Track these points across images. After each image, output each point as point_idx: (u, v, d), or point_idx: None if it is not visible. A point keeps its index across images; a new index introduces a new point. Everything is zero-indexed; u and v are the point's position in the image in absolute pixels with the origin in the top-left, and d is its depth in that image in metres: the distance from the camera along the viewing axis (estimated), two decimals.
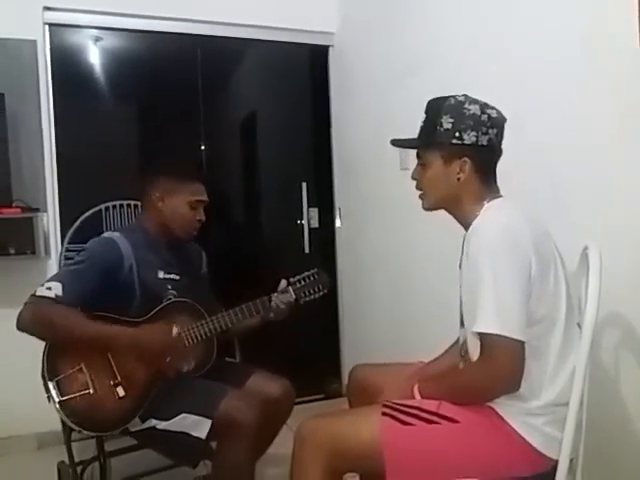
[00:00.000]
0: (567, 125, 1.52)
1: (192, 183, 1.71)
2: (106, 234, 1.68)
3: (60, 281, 1.51)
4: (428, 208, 1.31)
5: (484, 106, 1.22)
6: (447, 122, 1.21)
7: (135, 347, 1.53)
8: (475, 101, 1.22)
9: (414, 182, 1.32)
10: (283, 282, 1.73)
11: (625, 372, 1.40)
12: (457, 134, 1.20)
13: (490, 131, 1.21)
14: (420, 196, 1.31)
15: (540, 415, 1.14)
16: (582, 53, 1.46)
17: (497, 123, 1.22)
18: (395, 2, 2.36)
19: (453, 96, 1.23)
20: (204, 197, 1.72)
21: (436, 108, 1.23)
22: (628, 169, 1.36)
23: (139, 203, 1.96)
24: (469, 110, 1.20)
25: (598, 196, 1.44)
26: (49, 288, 1.49)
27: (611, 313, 1.36)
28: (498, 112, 1.23)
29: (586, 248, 1.18)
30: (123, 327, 1.53)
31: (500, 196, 1.25)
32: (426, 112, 1.27)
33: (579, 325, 1.17)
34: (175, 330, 1.60)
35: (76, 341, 1.50)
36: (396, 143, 1.34)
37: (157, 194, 1.69)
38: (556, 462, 1.11)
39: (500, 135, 1.24)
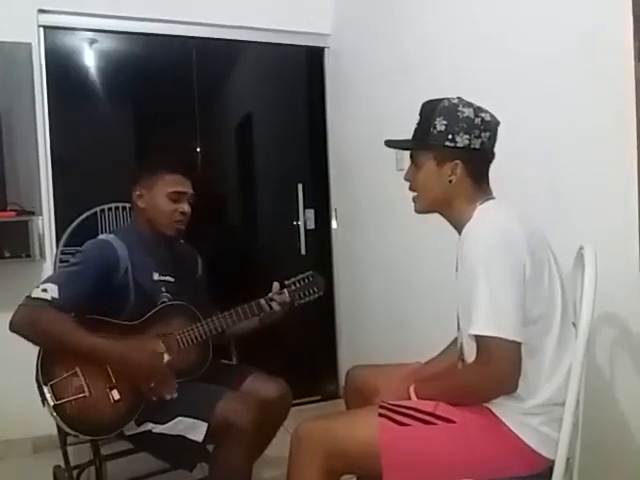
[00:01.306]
0: (564, 126, 1.52)
1: (169, 175, 1.66)
2: (101, 236, 1.68)
3: (56, 283, 1.50)
4: (420, 211, 1.31)
5: (478, 109, 1.22)
6: (440, 124, 1.21)
7: (122, 364, 1.51)
8: (469, 104, 1.22)
9: (408, 183, 1.32)
10: (276, 284, 1.73)
11: (620, 371, 1.40)
12: (450, 136, 1.21)
13: (483, 134, 1.21)
14: (413, 199, 1.31)
15: (536, 415, 1.14)
16: (579, 53, 1.46)
17: (490, 126, 1.23)
18: (390, 3, 2.36)
19: (447, 98, 1.24)
20: (183, 188, 1.67)
21: (430, 110, 1.24)
22: (624, 170, 1.36)
23: None
24: (463, 113, 1.20)
25: (595, 197, 1.44)
26: (45, 290, 1.47)
27: (606, 312, 1.36)
28: (491, 115, 1.24)
29: (581, 248, 1.18)
30: (113, 342, 1.50)
31: (493, 198, 1.25)
32: (420, 114, 1.28)
33: (574, 324, 1.18)
34: (167, 357, 1.59)
35: (66, 352, 1.48)
36: (390, 144, 1.34)
37: (138, 192, 1.69)
38: (552, 462, 1.11)
39: (493, 138, 1.24)
